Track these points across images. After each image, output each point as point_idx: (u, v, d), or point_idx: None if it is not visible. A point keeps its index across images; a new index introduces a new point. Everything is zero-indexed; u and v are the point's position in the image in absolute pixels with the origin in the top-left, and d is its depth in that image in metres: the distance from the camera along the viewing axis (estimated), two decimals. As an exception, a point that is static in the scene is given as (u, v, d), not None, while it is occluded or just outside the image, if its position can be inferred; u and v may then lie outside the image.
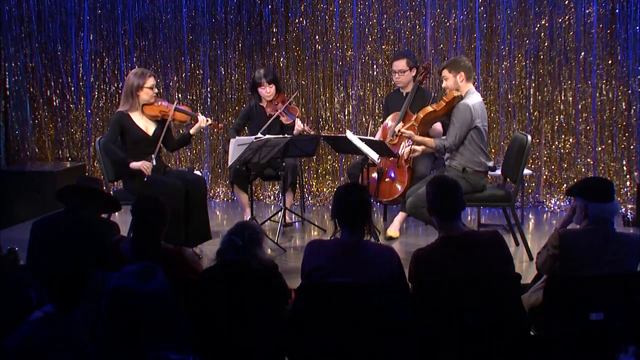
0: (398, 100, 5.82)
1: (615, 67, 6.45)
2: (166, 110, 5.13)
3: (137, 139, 5.07)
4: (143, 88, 5.05)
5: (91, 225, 3.67)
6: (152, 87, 5.09)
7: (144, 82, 5.05)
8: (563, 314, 3.16)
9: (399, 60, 5.78)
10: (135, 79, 5.06)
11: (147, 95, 5.07)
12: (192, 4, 7.10)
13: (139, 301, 2.72)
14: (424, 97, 5.75)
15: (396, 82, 5.84)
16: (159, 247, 3.26)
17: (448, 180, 3.34)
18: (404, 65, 5.75)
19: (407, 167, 5.55)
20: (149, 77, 5.08)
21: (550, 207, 6.69)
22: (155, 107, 5.13)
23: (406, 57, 5.80)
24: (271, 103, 5.81)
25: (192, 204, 5.08)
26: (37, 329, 2.08)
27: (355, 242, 3.16)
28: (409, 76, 5.77)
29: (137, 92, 5.04)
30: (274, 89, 5.81)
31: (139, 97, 5.07)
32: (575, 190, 3.41)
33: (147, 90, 5.06)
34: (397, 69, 5.78)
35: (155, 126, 5.14)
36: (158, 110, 5.13)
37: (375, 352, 2.95)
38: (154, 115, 5.14)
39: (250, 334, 3.01)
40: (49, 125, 7.46)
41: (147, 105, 5.11)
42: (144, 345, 2.53)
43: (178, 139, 5.45)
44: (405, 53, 5.93)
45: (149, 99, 5.09)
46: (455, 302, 3.02)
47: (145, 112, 5.12)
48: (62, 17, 7.27)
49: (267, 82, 5.77)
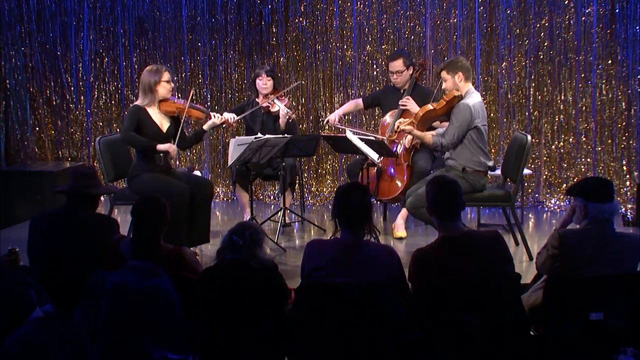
0: (394, 97, 5.83)
1: (615, 67, 6.45)
2: (182, 107, 5.17)
3: (151, 134, 5.09)
4: (160, 82, 5.10)
5: (90, 224, 3.66)
6: (169, 81, 5.14)
7: (160, 77, 5.09)
8: (563, 314, 3.16)
9: (396, 60, 5.80)
10: (151, 75, 5.10)
11: (164, 89, 5.11)
12: (192, 4, 7.10)
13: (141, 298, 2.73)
14: (423, 93, 5.77)
15: (395, 82, 5.85)
16: (158, 247, 3.26)
17: (448, 180, 3.34)
18: (401, 65, 5.77)
19: (407, 164, 5.55)
20: (165, 71, 5.14)
21: (550, 207, 6.69)
22: (171, 103, 5.18)
23: (402, 56, 5.82)
24: (266, 97, 5.83)
25: (196, 206, 5.08)
26: (37, 329, 2.08)
27: (355, 242, 3.16)
28: (406, 75, 5.80)
29: (155, 87, 5.09)
30: (271, 83, 5.84)
31: (157, 92, 5.10)
32: (575, 190, 3.41)
33: (165, 84, 5.11)
34: (395, 69, 5.79)
35: (169, 123, 5.17)
36: (175, 106, 5.17)
37: (375, 352, 2.95)
38: (171, 111, 5.17)
39: (250, 333, 3.02)
40: (49, 125, 7.45)
41: (163, 102, 5.15)
42: (144, 343, 2.54)
43: (191, 136, 5.46)
44: (400, 52, 5.93)
45: (167, 94, 5.14)
46: (455, 302, 3.03)
47: (161, 107, 5.16)
48: (62, 17, 7.27)
49: (265, 75, 5.82)
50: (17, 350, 2.00)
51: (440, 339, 3.02)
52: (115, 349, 2.79)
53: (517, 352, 3.05)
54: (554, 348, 3.11)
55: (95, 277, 3.06)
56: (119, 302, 2.86)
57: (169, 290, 2.93)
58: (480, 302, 3.03)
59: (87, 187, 3.72)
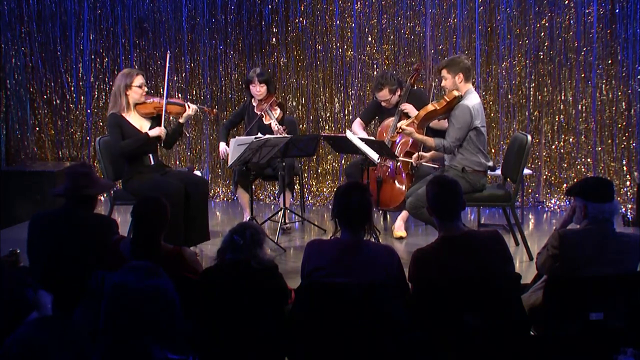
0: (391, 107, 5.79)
1: (615, 67, 6.45)
2: (159, 105, 5.11)
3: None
4: (132, 87, 5.02)
5: (90, 224, 3.66)
6: (141, 86, 5.06)
7: (131, 81, 5.01)
8: (563, 314, 3.16)
9: (381, 91, 5.66)
10: (123, 79, 5.03)
11: (136, 94, 5.04)
12: (192, 4, 7.10)
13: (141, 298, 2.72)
14: (418, 97, 5.73)
15: (386, 106, 5.78)
16: (159, 247, 3.26)
17: (448, 181, 3.34)
18: (387, 94, 5.67)
19: (406, 173, 5.58)
20: (136, 75, 5.05)
21: (550, 207, 6.69)
22: (148, 104, 5.11)
23: (385, 85, 5.64)
24: (260, 103, 5.81)
25: (193, 205, 5.07)
26: (37, 329, 2.08)
27: (355, 242, 3.16)
28: (396, 97, 5.71)
29: (125, 91, 5.01)
30: (264, 89, 5.78)
31: (129, 97, 5.03)
32: (575, 190, 3.41)
33: (136, 89, 5.03)
34: (384, 98, 5.71)
35: (150, 123, 5.13)
36: (152, 107, 5.12)
37: (375, 352, 2.95)
38: (149, 112, 5.13)
39: (250, 333, 3.02)
40: (49, 125, 7.45)
41: (139, 105, 5.10)
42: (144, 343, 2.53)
43: (171, 133, 5.30)
44: (383, 81, 5.66)
45: (139, 98, 5.07)
46: (455, 302, 3.03)
47: (139, 110, 5.11)
48: (62, 17, 7.27)
49: (258, 81, 5.76)
50: (17, 351, 2.00)
51: (440, 339, 3.02)
52: (115, 349, 2.78)
53: (517, 352, 3.05)
54: (554, 348, 3.11)
55: (95, 277, 3.06)
56: (119, 302, 2.86)
57: (169, 290, 2.93)
58: (481, 302, 3.03)
59: (84, 188, 3.66)
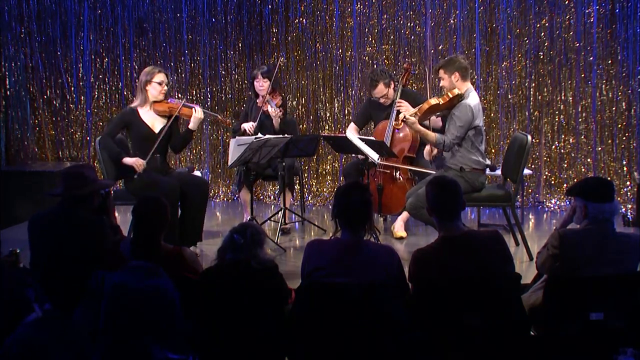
0: (382, 108, 5.78)
1: (615, 67, 6.45)
2: (174, 106, 5.18)
3: (142, 136, 5.12)
4: (151, 82, 5.14)
5: (90, 224, 3.65)
6: (161, 83, 5.16)
7: (152, 77, 5.14)
8: (563, 314, 3.16)
9: (376, 87, 5.69)
10: (145, 75, 5.17)
11: (155, 90, 5.15)
12: (192, 3, 7.10)
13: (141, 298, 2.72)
14: (410, 96, 5.73)
15: (384, 102, 5.79)
16: (159, 247, 3.26)
17: (448, 181, 3.34)
18: (383, 89, 5.69)
19: (407, 178, 5.58)
20: (157, 72, 5.17)
21: (550, 207, 6.69)
22: (164, 103, 5.21)
23: (379, 81, 5.67)
24: (263, 98, 5.83)
25: (190, 205, 5.09)
26: (37, 329, 2.08)
27: (355, 242, 3.16)
28: (391, 92, 5.74)
29: (145, 86, 5.14)
30: (267, 84, 5.80)
31: (147, 92, 5.15)
32: (575, 190, 3.41)
33: (156, 86, 5.14)
34: (380, 94, 5.72)
35: (162, 123, 5.17)
36: (167, 106, 5.20)
37: (375, 352, 2.95)
38: (163, 111, 5.20)
39: (250, 333, 3.02)
40: (49, 125, 7.45)
41: (157, 103, 5.17)
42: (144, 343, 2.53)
43: (180, 137, 5.38)
44: (375, 78, 5.71)
45: (157, 95, 5.16)
46: (455, 302, 3.03)
47: (155, 108, 5.19)
48: (62, 17, 7.27)
49: (261, 76, 5.80)
50: (17, 351, 2.00)
51: (440, 339, 3.02)
52: (115, 349, 2.79)
53: (517, 352, 3.05)
54: (554, 348, 3.11)
55: (95, 277, 3.06)
56: (119, 302, 2.86)
57: (169, 290, 2.93)
58: (481, 302, 3.03)
59: (76, 188, 3.64)
